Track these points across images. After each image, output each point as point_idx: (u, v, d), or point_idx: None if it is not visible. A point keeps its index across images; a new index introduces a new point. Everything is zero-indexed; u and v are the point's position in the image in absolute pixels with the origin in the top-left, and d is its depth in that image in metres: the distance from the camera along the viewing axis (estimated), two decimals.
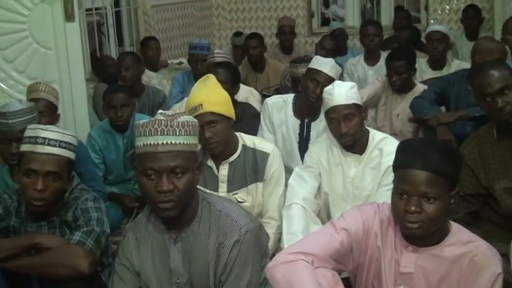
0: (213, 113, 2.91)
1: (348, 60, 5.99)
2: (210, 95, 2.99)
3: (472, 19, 6.68)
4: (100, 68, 5.41)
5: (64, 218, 2.67)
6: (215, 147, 2.99)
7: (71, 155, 2.65)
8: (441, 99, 4.25)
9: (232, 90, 4.08)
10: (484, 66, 2.86)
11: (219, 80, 3.90)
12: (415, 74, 4.71)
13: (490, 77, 2.75)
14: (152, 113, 4.57)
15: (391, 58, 4.53)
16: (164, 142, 2.08)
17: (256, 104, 4.48)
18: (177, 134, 2.10)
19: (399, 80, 4.49)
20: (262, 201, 3.14)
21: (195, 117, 2.84)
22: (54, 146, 2.57)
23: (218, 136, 2.96)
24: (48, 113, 3.76)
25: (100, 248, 2.57)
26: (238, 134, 3.14)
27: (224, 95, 3.05)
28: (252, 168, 3.09)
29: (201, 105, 2.93)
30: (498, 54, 3.94)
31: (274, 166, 3.11)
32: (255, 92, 4.90)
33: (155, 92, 5.19)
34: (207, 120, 2.91)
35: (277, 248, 3.01)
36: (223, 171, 3.09)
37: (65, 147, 2.61)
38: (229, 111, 3.02)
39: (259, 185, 3.12)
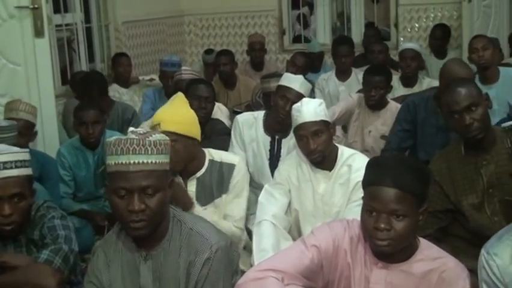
0: (170, 132, 2.81)
1: (320, 76, 6.04)
2: (170, 114, 2.97)
3: (439, 39, 6.79)
4: (74, 83, 5.38)
5: (31, 237, 2.64)
6: (173, 166, 2.94)
7: (28, 171, 2.61)
8: (412, 129, 4.23)
9: (213, 106, 4.11)
10: (452, 84, 2.89)
11: (205, 97, 3.96)
12: (391, 91, 4.76)
13: (457, 94, 2.79)
14: (122, 130, 4.55)
15: (371, 73, 4.56)
16: (136, 161, 2.07)
17: (224, 120, 4.49)
18: (149, 153, 2.09)
19: (378, 95, 4.53)
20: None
21: None
22: (11, 168, 2.53)
23: (176, 156, 2.87)
24: (26, 132, 3.74)
25: (68, 266, 2.54)
26: (206, 149, 3.13)
27: (186, 114, 3.01)
28: (218, 182, 3.08)
29: (159, 124, 2.91)
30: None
31: (238, 176, 3.10)
32: (223, 108, 4.91)
33: (125, 108, 5.16)
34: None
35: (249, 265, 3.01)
36: (191, 187, 3.08)
37: (21, 166, 2.56)
38: (190, 131, 2.98)
39: (224, 196, 3.11)
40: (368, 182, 2.10)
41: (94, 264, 2.30)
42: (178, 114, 2.99)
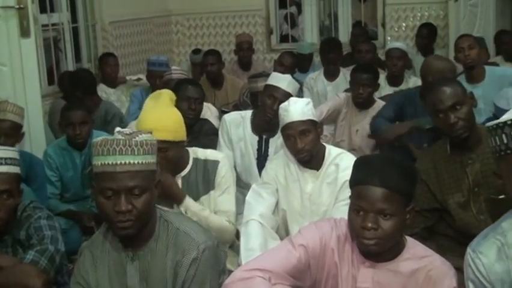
0: (162, 141, 2.79)
1: (308, 75, 6.05)
2: (161, 120, 2.91)
3: (426, 38, 6.82)
4: (62, 83, 5.36)
5: (17, 237, 2.63)
6: (165, 168, 2.94)
7: (17, 169, 2.62)
8: (399, 117, 4.32)
9: (202, 107, 4.10)
10: (437, 83, 2.91)
11: (194, 98, 3.95)
12: (378, 89, 4.78)
13: (442, 93, 2.80)
14: (104, 129, 4.55)
15: (358, 71, 4.60)
16: (123, 162, 2.06)
17: (213, 120, 4.49)
18: (136, 153, 2.09)
19: (366, 93, 4.55)
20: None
21: None
22: (1, 164, 2.54)
23: (168, 161, 2.90)
24: (13, 134, 3.72)
25: (55, 267, 2.54)
26: (190, 148, 3.12)
27: (175, 118, 2.98)
28: (204, 179, 3.07)
29: (151, 132, 2.89)
30: (446, 73, 4.03)
31: (223, 171, 3.09)
32: (213, 108, 4.92)
33: (108, 108, 5.18)
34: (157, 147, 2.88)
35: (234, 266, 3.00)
36: None
37: (11, 164, 2.58)
38: (180, 136, 2.96)
39: (212, 193, 3.09)
40: (355, 182, 2.11)
41: (80, 264, 2.29)
42: (168, 122, 2.94)
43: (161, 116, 2.97)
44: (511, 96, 3.88)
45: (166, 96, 3.08)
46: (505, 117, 1.97)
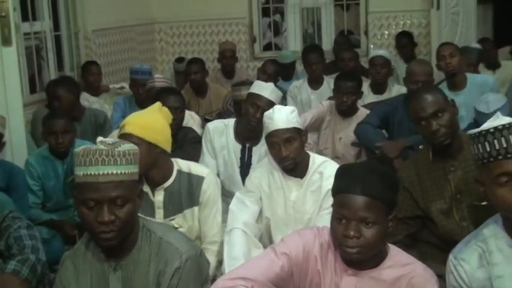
0: (132, 135, 2.82)
1: (292, 83, 6.06)
2: (137, 117, 2.95)
3: (406, 46, 6.88)
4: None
5: None
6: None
7: None
8: (384, 124, 4.34)
9: (183, 115, 4.09)
10: (418, 91, 2.93)
11: (174, 107, 3.94)
12: (361, 97, 4.80)
13: (424, 101, 2.82)
14: (96, 135, 4.52)
15: (342, 79, 4.59)
16: (105, 172, 2.06)
17: (197, 128, 4.48)
18: (118, 163, 2.08)
19: (350, 101, 4.56)
20: (198, 226, 3.11)
21: (119, 136, 2.83)
22: None
23: None
24: None
25: (36, 277, 2.51)
26: (173, 159, 3.10)
27: (154, 121, 2.97)
28: (188, 193, 3.05)
29: (124, 125, 2.91)
30: (424, 77, 4.08)
31: (209, 190, 3.07)
32: (196, 116, 4.91)
33: (96, 114, 5.14)
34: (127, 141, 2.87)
35: (219, 273, 3.00)
36: (159, 197, 3.04)
37: None
38: (154, 137, 2.92)
39: (195, 209, 3.07)
40: (337, 190, 2.11)
41: (62, 274, 2.28)
42: (145, 119, 2.96)
43: (141, 114, 2.99)
44: (490, 101, 3.93)
45: (158, 105, 3.09)
46: (487, 125, 1.99)
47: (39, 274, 2.55)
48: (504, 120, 1.96)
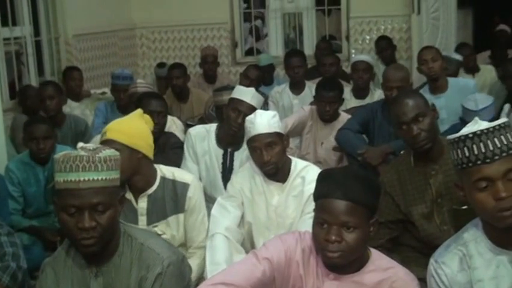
0: (113, 141, 2.82)
1: (274, 88, 6.07)
2: (118, 124, 2.95)
3: (386, 50, 6.93)
4: (22, 98, 5.30)
5: None
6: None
7: None
8: (364, 129, 4.36)
9: (166, 120, 4.08)
10: (399, 96, 2.95)
11: (157, 112, 3.93)
12: (343, 103, 4.81)
13: (405, 105, 2.84)
14: (76, 143, 4.49)
15: (325, 88, 4.59)
16: (86, 179, 2.04)
17: (179, 134, 4.47)
18: (99, 169, 2.07)
19: (332, 110, 4.58)
20: (183, 233, 3.10)
21: (101, 143, 2.82)
22: None
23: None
24: None
25: (17, 284, 2.50)
26: (157, 166, 3.09)
27: (136, 127, 2.96)
28: (172, 200, 3.04)
29: (106, 132, 2.90)
30: (398, 83, 4.12)
31: (195, 196, 3.07)
32: (178, 122, 4.90)
33: (77, 121, 5.13)
34: (108, 147, 2.86)
35: (202, 278, 2.99)
36: (142, 203, 3.03)
37: None
38: (135, 143, 2.91)
39: (180, 216, 3.06)
40: (319, 195, 2.11)
41: (42, 281, 2.26)
42: (126, 125, 2.95)
43: (123, 121, 2.99)
44: (478, 99, 3.97)
45: (139, 112, 3.08)
46: (465, 131, 2.00)
47: (20, 281, 2.54)
48: (482, 125, 1.97)
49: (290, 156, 3.31)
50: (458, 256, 2.06)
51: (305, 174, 3.18)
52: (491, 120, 2.04)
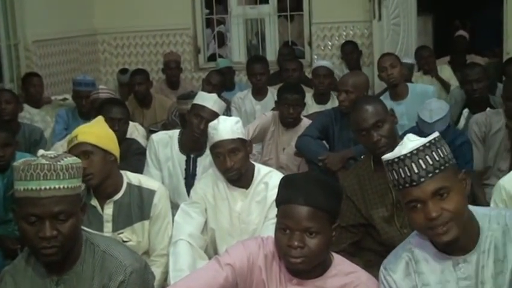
0: (86, 143, 2.86)
1: (236, 94, 6.08)
2: (88, 127, 2.98)
3: (351, 54, 7.00)
4: None
5: None
6: (90, 179, 2.90)
7: None
8: (324, 135, 4.39)
9: (127, 127, 4.06)
10: (358, 103, 2.98)
11: (117, 119, 3.91)
12: (304, 108, 4.84)
13: (364, 112, 2.87)
14: (30, 151, 4.44)
15: (288, 92, 4.61)
16: (47, 187, 2.02)
17: (141, 140, 4.45)
18: (61, 178, 2.04)
19: (296, 113, 4.60)
20: (148, 239, 3.09)
21: (70, 149, 2.81)
22: None
23: (93, 168, 2.89)
24: None
25: None
26: (123, 172, 3.08)
27: (105, 130, 3.03)
28: (138, 206, 3.04)
29: (76, 136, 2.91)
30: (351, 88, 4.19)
31: (160, 203, 3.07)
32: (140, 128, 4.88)
33: (32, 129, 5.06)
34: (81, 150, 2.86)
35: (164, 285, 2.98)
36: (108, 210, 3.02)
37: None
38: (107, 144, 2.96)
39: (146, 223, 3.06)
40: (281, 201, 2.12)
41: None
42: (97, 128, 2.99)
43: (91, 125, 3.02)
44: (433, 108, 3.94)
45: (101, 118, 3.12)
46: (391, 155, 1.96)
47: None
48: (407, 147, 1.94)
49: (253, 162, 3.32)
50: (405, 261, 2.07)
51: (268, 180, 3.19)
52: (445, 130, 2.03)
